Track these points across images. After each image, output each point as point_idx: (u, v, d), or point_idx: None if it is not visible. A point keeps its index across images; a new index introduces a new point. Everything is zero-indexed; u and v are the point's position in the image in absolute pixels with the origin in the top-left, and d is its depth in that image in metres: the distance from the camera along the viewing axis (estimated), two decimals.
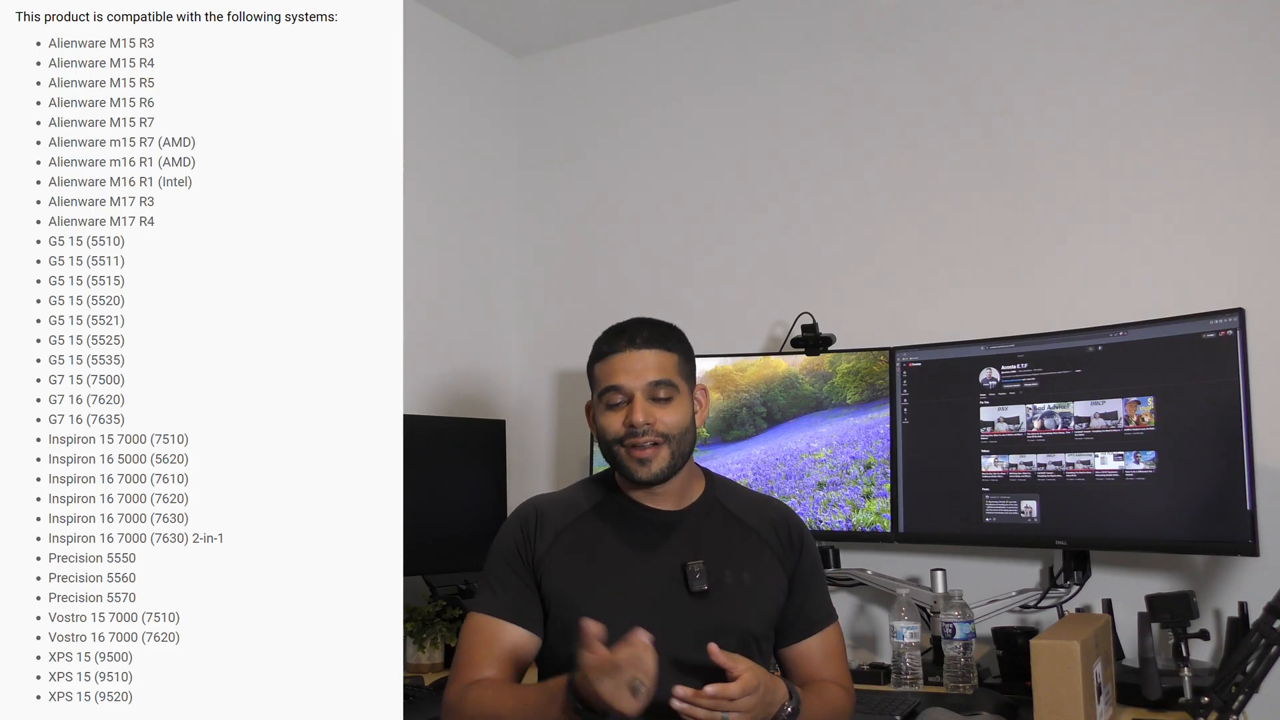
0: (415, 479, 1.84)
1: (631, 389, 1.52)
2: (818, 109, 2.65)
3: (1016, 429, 2.14)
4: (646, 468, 1.51)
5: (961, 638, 1.99)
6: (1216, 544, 1.89)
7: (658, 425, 1.50)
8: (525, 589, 1.53)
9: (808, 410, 2.40)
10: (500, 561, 1.56)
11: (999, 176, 2.41)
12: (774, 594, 1.57)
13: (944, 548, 2.30)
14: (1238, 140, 2.17)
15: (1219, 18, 2.21)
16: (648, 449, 1.50)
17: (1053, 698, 1.56)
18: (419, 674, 2.28)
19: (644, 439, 1.50)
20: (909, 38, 2.55)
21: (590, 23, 2.93)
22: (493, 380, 2.95)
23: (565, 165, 3.03)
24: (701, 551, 1.53)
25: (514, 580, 1.54)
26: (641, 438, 1.50)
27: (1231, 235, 2.16)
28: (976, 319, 2.35)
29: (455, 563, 2.42)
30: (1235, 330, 1.87)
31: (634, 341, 1.54)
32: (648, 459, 1.51)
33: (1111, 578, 2.14)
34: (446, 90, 2.87)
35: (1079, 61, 2.35)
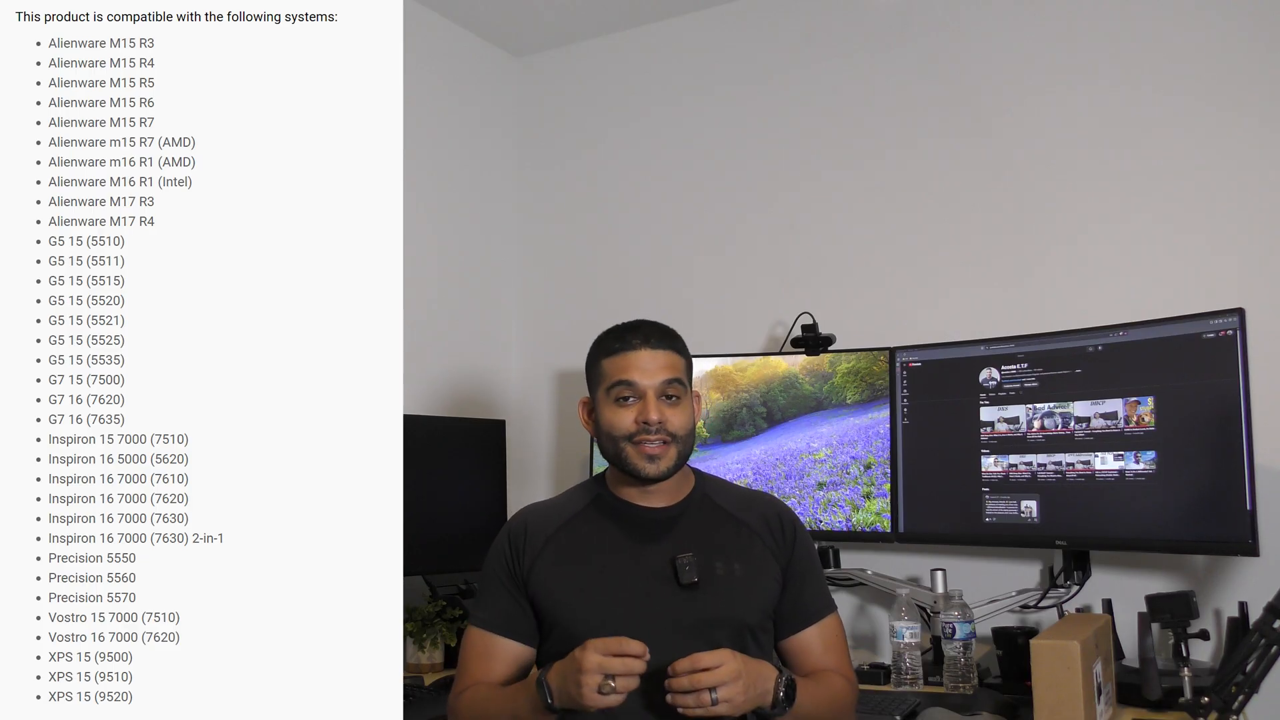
0: (415, 479, 1.84)
1: (644, 386, 1.53)
2: (818, 109, 2.65)
3: (1016, 429, 2.14)
4: (655, 464, 1.53)
5: (961, 638, 1.99)
6: (1216, 544, 1.89)
7: (668, 425, 1.53)
8: (514, 603, 1.57)
9: (808, 410, 2.40)
10: (490, 576, 1.60)
11: (999, 176, 2.41)
12: (768, 585, 1.57)
13: (944, 548, 2.30)
14: (1238, 140, 2.17)
15: (1219, 18, 2.21)
16: (657, 446, 1.53)
17: (1053, 698, 1.56)
18: (419, 674, 2.28)
19: (655, 437, 1.53)
20: (909, 38, 2.55)
21: (590, 23, 2.93)
22: (493, 380, 2.95)
23: (565, 165, 3.03)
24: (691, 545, 1.55)
25: (503, 595, 1.58)
26: (653, 435, 1.52)
27: (1231, 235, 2.16)
28: (976, 319, 2.35)
29: (455, 563, 2.42)
30: (1235, 330, 1.87)
31: (648, 340, 1.56)
32: (656, 456, 1.53)
33: (1111, 578, 2.14)
34: (446, 90, 2.87)
35: (1079, 61, 2.35)
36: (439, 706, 1.92)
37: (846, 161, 2.60)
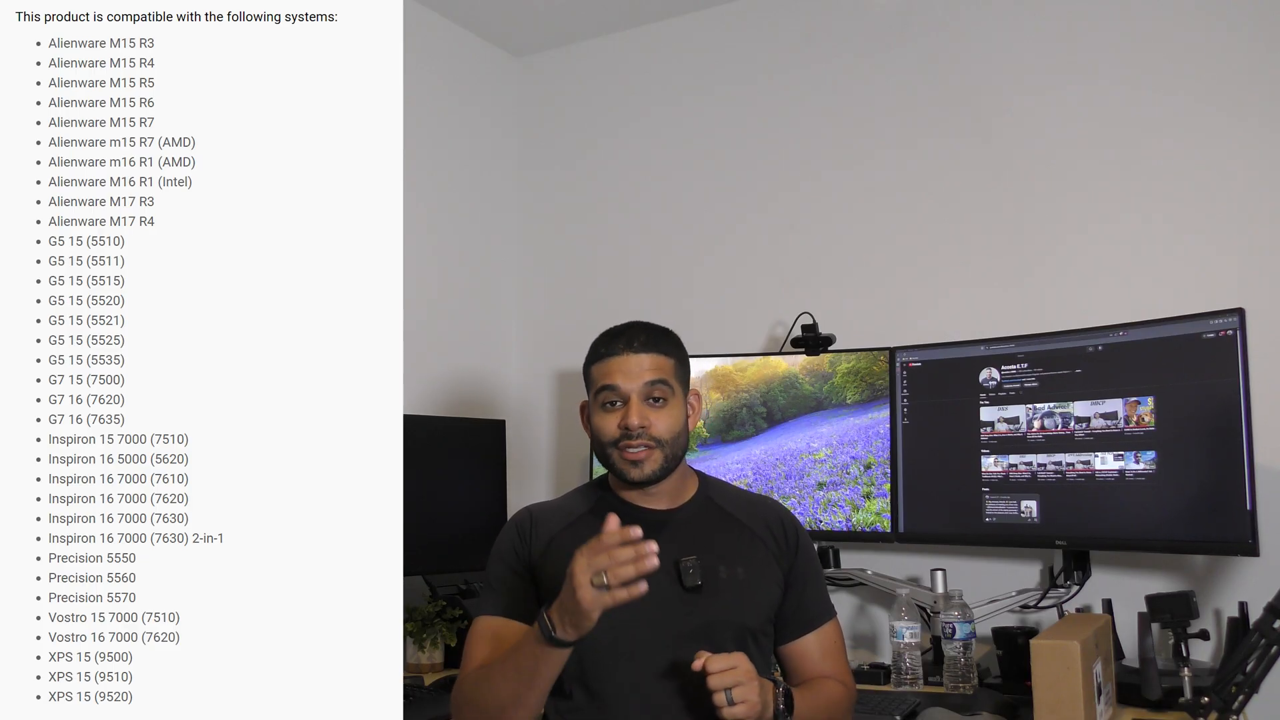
0: (415, 479, 1.84)
1: (627, 391, 1.53)
2: (818, 109, 2.65)
3: (1016, 429, 2.14)
4: (639, 469, 1.53)
5: (961, 638, 1.99)
6: (1216, 544, 1.89)
7: (651, 430, 1.52)
8: (525, 587, 1.55)
9: (808, 410, 2.40)
10: (499, 563, 1.59)
11: (999, 176, 2.41)
12: (770, 589, 1.57)
13: (944, 548, 2.30)
14: (1238, 140, 2.17)
15: (1219, 18, 2.21)
16: (640, 451, 1.52)
17: (1053, 698, 1.56)
18: (419, 674, 2.28)
19: (637, 442, 1.52)
20: (909, 38, 2.55)
21: (590, 23, 2.93)
22: (493, 380, 2.95)
23: (565, 165, 3.03)
24: (695, 548, 1.54)
25: (513, 579, 1.56)
26: (635, 440, 1.52)
27: (1231, 235, 2.16)
28: (976, 319, 2.35)
29: (455, 563, 2.42)
30: (1235, 330, 1.87)
31: (631, 345, 1.55)
32: (640, 460, 1.53)
33: (1111, 578, 2.14)
34: (446, 90, 2.87)
35: (1079, 62, 2.35)
36: (439, 706, 1.92)
37: (846, 161, 2.60)
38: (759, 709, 1.37)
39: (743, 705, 1.34)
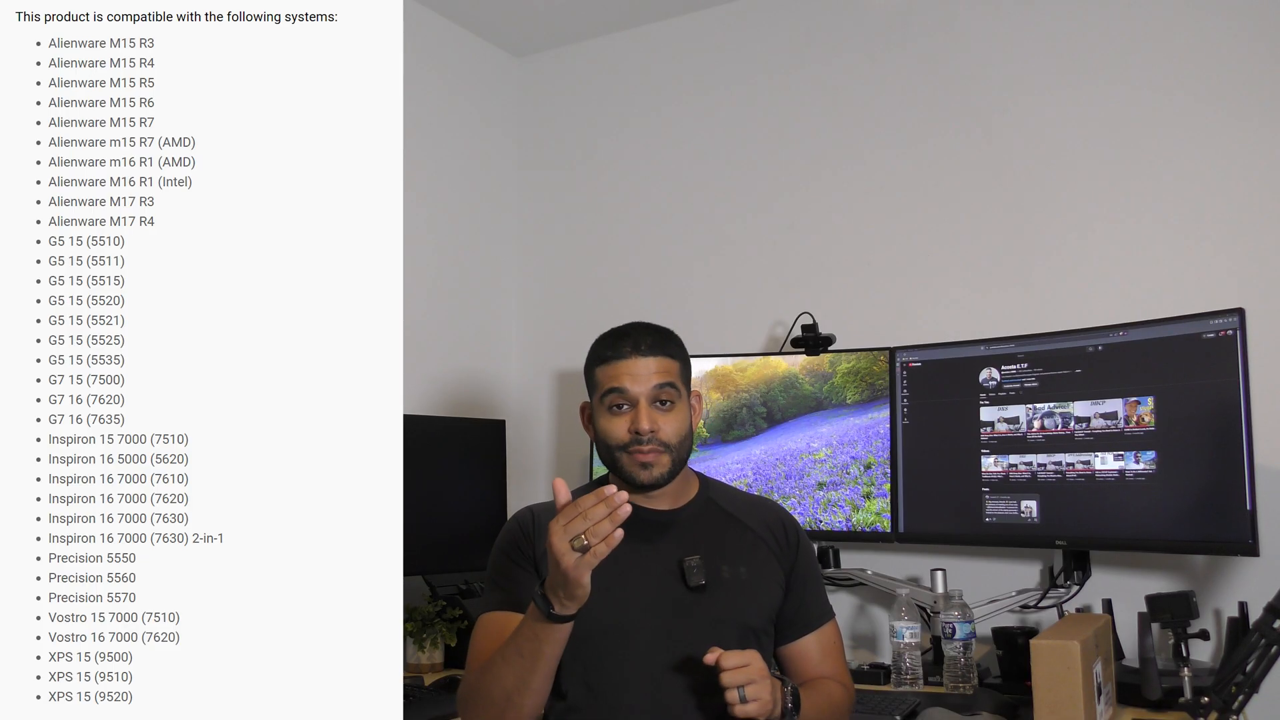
0: (415, 479, 1.84)
1: (636, 394, 1.53)
2: (818, 109, 2.65)
3: (1016, 429, 2.14)
4: (649, 471, 1.53)
5: (961, 638, 1.99)
6: (1216, 544, 1.89)
7: (660, 434, 1.52)
8: (529, 580, 1.54)
9: (808, 410, 2.40)
10: (503, 559, 1.58)
11: (999, 177, 2.41)
12: (772, 589, 1.58)
13: (944, 548, 2.30)
14: (1238, 140, 2.17)
15: (1219, 18, 2.21)
16: (650, 455, 1.52)
17: (1053, 698, 1.56)
18: (419, 674, 2.28)
19: (647, 446, 1.52)
20: (909, 38, 2.55)
21: (590, 23, 2.93)
22: (493, 380, 2.95)
23: (565, 165, 3.03)
24: (698, 548, 1.54)
25: (517, 573, 1.55)
26: (645, 445, 1.52)
27: (1231, 235, 2.16)
28: (976, 319, 2.35)
29: (455, 563, 2.42)
30: (1235, 330, 1.87)
31: (639, 347, 1.55)
32: (650, 463, 1.53)
33: (1111, 578, 2.14)
34: (446, 90, 2.87)
35: (1079, 62, 2.35)
36: (439, 706, 1.92)
37: (846, 161, 2.60)
38: (770, 707, 1.37)
39: (755, 704, 1.35)
